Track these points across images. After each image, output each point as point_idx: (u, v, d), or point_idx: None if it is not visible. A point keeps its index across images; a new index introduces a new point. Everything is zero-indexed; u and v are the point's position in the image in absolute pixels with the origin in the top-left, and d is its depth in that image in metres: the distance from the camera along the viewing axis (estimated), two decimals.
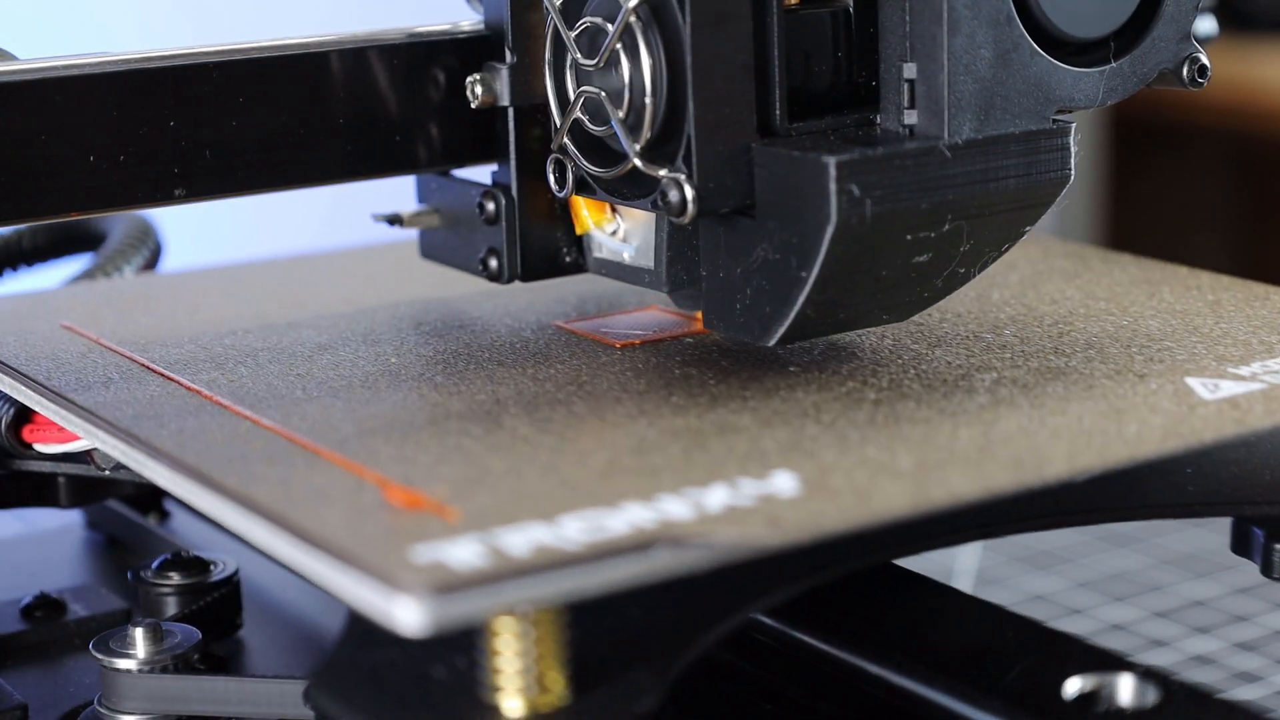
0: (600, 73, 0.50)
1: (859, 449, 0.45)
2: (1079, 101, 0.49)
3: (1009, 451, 0.45)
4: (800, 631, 0.49)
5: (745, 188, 0.48)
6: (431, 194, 0.57)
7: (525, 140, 0.54)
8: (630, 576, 0.39)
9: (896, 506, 0.42)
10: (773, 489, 0.43)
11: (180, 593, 0.57)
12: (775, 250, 0.48)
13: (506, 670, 0.41)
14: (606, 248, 0.54)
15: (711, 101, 0.48)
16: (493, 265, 0.55)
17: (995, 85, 0.48)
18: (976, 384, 0.50)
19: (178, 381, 0.52)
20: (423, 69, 0.54)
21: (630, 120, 0.49)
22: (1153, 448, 0.46)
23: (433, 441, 0.47)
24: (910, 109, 0.48)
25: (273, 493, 0.43)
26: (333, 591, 0.40)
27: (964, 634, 0.49)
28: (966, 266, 0.50)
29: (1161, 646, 0.66)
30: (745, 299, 0.49)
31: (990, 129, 0.48)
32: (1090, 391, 0.49)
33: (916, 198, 0.47)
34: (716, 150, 0.48)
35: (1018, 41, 0.48)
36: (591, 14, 0.50)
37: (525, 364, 0.53)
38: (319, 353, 0.55)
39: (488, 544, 0.40)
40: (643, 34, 0.48)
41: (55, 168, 0.51)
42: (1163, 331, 0.55)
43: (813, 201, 0.47)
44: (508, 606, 0.39)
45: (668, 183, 0.48)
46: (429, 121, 0.54)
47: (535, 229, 0.55)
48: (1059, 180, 0.50)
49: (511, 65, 0.53)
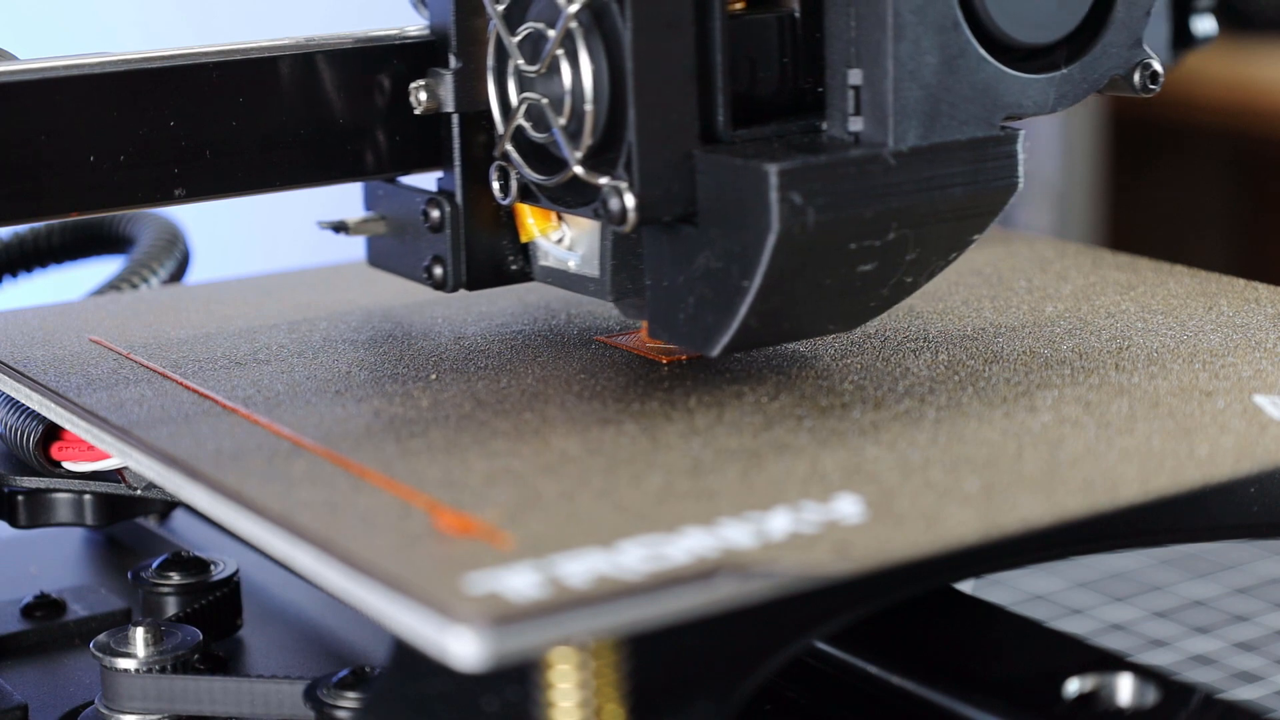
0: (542, 79, 0.49)
1: (922, 471, 0.44)
2: (1028, 108, 0.49)
3: (1078, 474, 0.44)
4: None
5: (687, 196, 0.48)
6: (378, 201, 0.57)
7: (470, 147, 0.53)
8: (693, 606, 0.38)
9: (966, 533, 0.41)
10: (837, 514, 0.42)
11: (180, 593, 0.57)
12: (718, 259, 0.47)
13: (562, 703, 0.39)
14: (552, 256, 0.54)
15: (653, 108, 0.47)
16: (437, 273, 0.54)
17: (941, 92, 0.47)
18: (1038, 402, 0.49)
19: (212, 398, 0.51)
20: (370, 74, 0.53)
21: (571, 127, 0.49)
22: (1226, 469, 0.44)
23: (480, 462, 0.45)
24: (855, 116, 0.48)
25: (318, 518, 0.42)
26: (383, 622, 0.38)
27: (964, 634, 0.48)
28: (913, 275, 0.49)
29: (1161, 646, 0.65)
30: (689, 308, 0.49)
31: (936, 136, 0.47)
32: (1156, 409, 0.48)
33: (860, 206, 0.47)
34: (658, 158, 0.47)
35: (965, 47, 0.47)
36: (533, 19, 0.49)
37: (570, 380, 0.52)
38: (356, 367, 0.54)
39: (545, 573, 0.38)
40: (584, 39, 0.48)
41: (55, 168, 0.50)
42: (1225, 346, 0.53)
43: (754, 210, 0.46)
44: (567, 638, 0.38)
45: (609, 191, 0.48)
46: (376, 127, 0.54)
47: (481, 237, 0.54)
48: (1007, 188, 0.49)
49: (456, 71, 0.53)
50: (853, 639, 0.48)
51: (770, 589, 0.39)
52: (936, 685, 0.45)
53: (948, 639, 0.48)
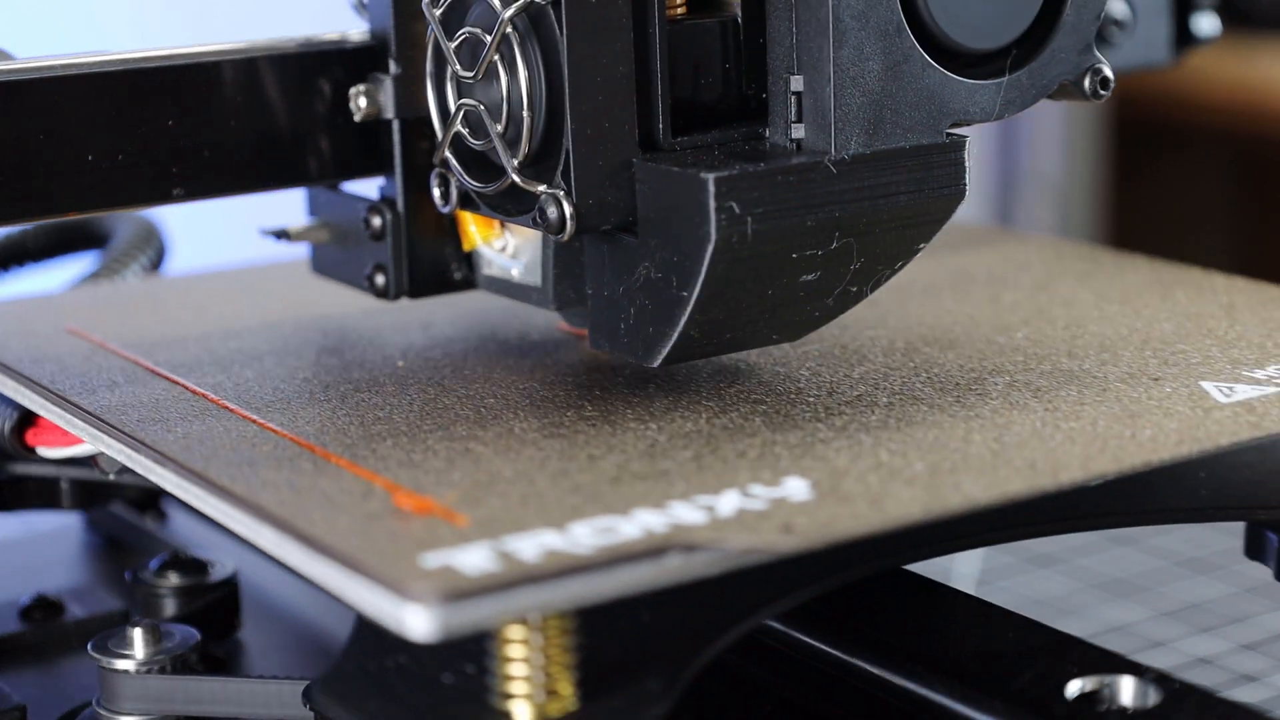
0: (480, 85, 0.49)
1: (872, 453, 0.45)
2: (974, 115, 0.48)
3: (1023, 456, 0.45)
4: (803, 634, 0.49)
5: (627, 204, 0.47)
6: (320, 208, 0.56)
7: (411, 153, 0.53)
8: (642, 582, 0.39)
9: (910, 512, 0.42)
10: (785, 494, 0.43)
11: (179, 593, 0.57)
12: (657, 269, 0.47)
13: (516, 676, 0.40)
14: (495, 264, 0.53)
15: (590, 115, 0.46)
16: (379, 281, 0.54)
17: (885, 98, 0.47)
18: (989, 387, 0.50)
19: (183, 385, 0.52)
20: (311, 79, 0.53)
21: (509, 134, 0.48)
22: (1168, 452, 0.45)
23: (441, 446, 0.47)
24: (797, 123, 0.47)
25: (281, 498, 0.43)
26: (342, 597, 0.40)
27: (965, 635, 0.48)
28: (859, 285, 0.48)
29: (1163, 647, 0.65)
30: (630, 318, 0.48)
31: (880, 143, 0.47)
32: (1104, 395, 0.49)
33: (801, 215, 0.46)
34: (595, 166, 0.47)
35: (908, 53, 0.47)
36: (471, 24, 0.49)
37: (534, 368, 0.53)
38: (325, 355, 0.55)
39: (498, 550, 0.40)
40: (520, 46, 0.47)
41: (54, 167, 0.50)
42: (1177, 334, 0.54)
43: (692, 219, 0.45)
44: (518, 612, 0.39)
45: (546, 199, 0.47)
46: (318, 133, 0.53)
47: (423, 245, 0.54)
48: (953, 195, 0.48)
49: (395, 76, 0.52)
50: (853, 637, 0.48)
51: (718, 565, 0.40)
52: (937, 685, 0.45)
53: (948, 639, 0.48)
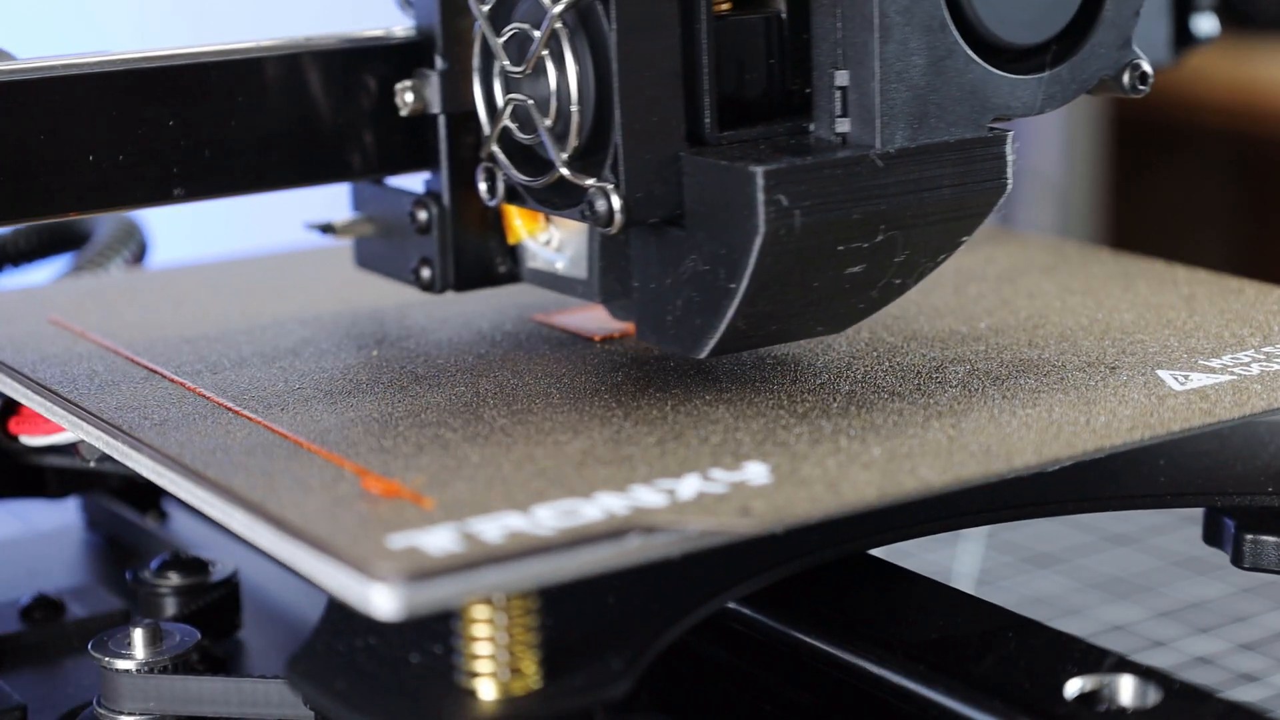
0: (528, 80, 0.49)
1: (831, 439, 0.46)
2: (1016, 109, 0.48)
3: (978, 441, 0.46)
4: (803, 634, 0.49)
5: (674, 198, 0.47)
6: (365, 202, 0.57)
7: (457, 148, 0.53)
8: (602, 563, 0.40)
9: (865, 495, 0.43)
10: (745, 478, 0.44)
11: (179, 593, 0.57)
12: (705, 261, 0.47)
13: (480, 655, 0.41)
14: (540, 257, 0.54)
15: (639, 109, 0.47)
16: (425, 275, 0.54)
17: (929, 93, 0.47)
18: (949, 376, 0.51)
19: (162, 374, 0.53)
20: (355, 75, 0.53)
21: (557, 128, 0.48)
22: (1121, 438, 0.46)
23: (412, 433, 0.47)
24: (843, 117, 0.47)
25: (253, 482, 0.44)
26: (311, 578, 0.40)
27: (965, 634, 0.48)
28: (902, 277, 0.49)
29: (1162, 647, 0.65)
30: (676, 310, 0.48)
31: (924, 137, 0.47)
32: (1061, 383, 0.50)
33: (847, 208, 0.47)
34: (644, 159, 0.47)
35: (952, 48, 0.47)
36: (519, 20, 0.49)
37: (506, 358, 0.54)
38: (302, 346, 0.56)
39: (462, 531, 0.40)
40: (569, 40, 0.48)
41: (54, 168, 0.51)
42: (1136, 324, 0.55)
43: (741, 212, 0.46)
44: (481, 592, 0.40)
45: (595, 192, 0.47)
46: (363, 128, 0.54)
47: (468, 238, 0.54)
48: (995, 189, 0.49)
49: (442, 72, 0.53)
50: (852, 637, 0.48)
51: (677, 546, 0.41)
52: (936, 684, 0.45)
53: (948, 638, 0.48)
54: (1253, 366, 0.51)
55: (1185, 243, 1.82)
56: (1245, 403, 0.48)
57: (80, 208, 0.52)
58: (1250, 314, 0.56)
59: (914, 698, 0.46)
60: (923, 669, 0.46)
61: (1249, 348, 0.53)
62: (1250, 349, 0.53)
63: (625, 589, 0.44)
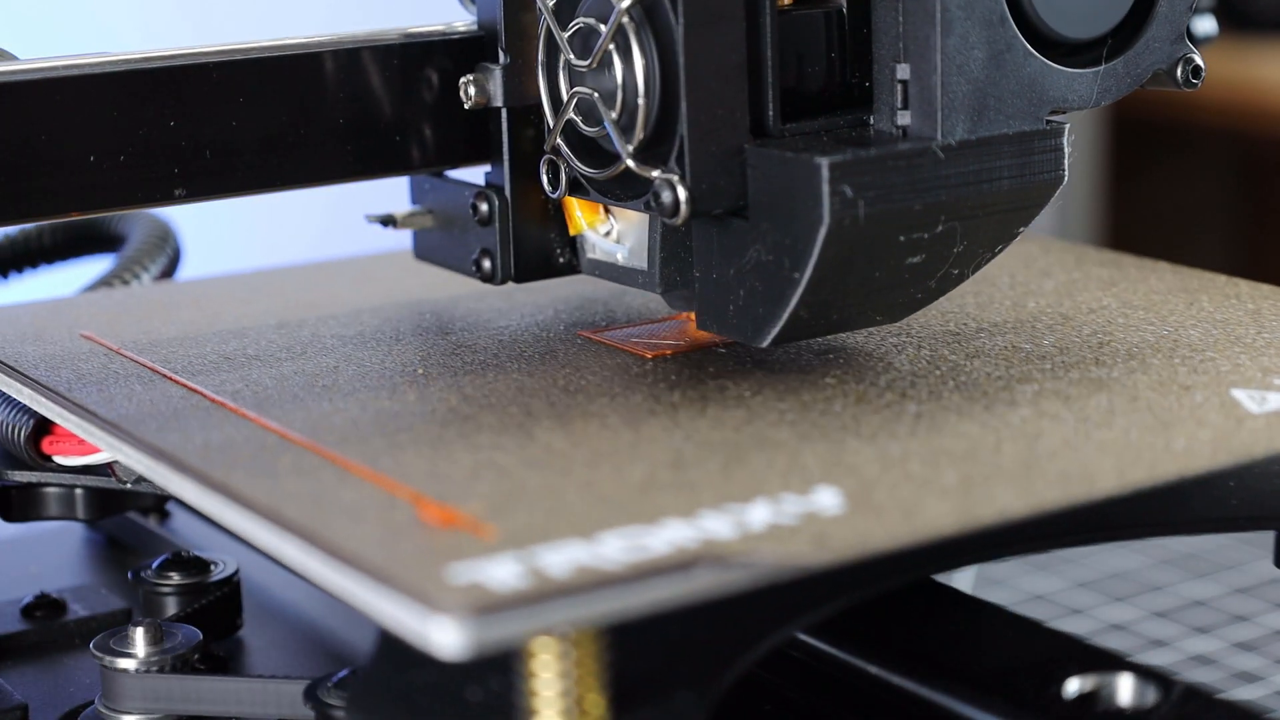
0: (593, 73, 0.50)
1: (901, 464, 0.44)
2: (1073, 102, 0.49)
3: (1056, 467, 0.44)
4: (804, 635, 0.49)
5: (738, 189, 0.48)
6: (425, 195, 0.57)
7: (518, 141, 0.54)
8: (672, 597, 0.38)
9: (943, 525, 0.41)
10: (816, 506, 0.42)
11: (180, 593, 0.57)
12: (768, 251, 0.48)
13: (545, 693, 0.40)
14: (600, 249, 0.54)
15: (704, 102, 0.47)
16: (486, 266, 0.55)
17: (988, 86, 0.48)
18: (1018, 396, 0.49)
19: (201, 393, 0.51)
20: (417, 69, 0.54)
21: (623, 121, 0.49)
22: (1203, 462, 0.45)
23: (465, 455, 0.46)
24: (904, 110, 0.48)
25: (304, 510, 0.42)
26: (367, 612, 0.39)
27: (965, 635, 0.48)
28: (960, 268, 0.50)
29: (1161, 646, 0.65)
30: (739, 300, 0.49)
31: (983, 130, 0.48)
32: (1135, 404, 0.48)
33: (909, 199, 0.47)
34: (709, 151, 0.48)
35: (1011, 42, 0.48)
36: (584, 14, 0.50)
37: (555, 375, 0.52)
38: (344, 363, 0.54)
39: (526, 564, 0.39)
40: (635, 34, 0.48)
41: (55, 168, 0.50)
42: (1204, 342, 0.54)
43: (805, 203, 0.46)
44: (548, 628, 0.38)
45: (660, 184, 0.48)
46: (423, 122, 0.54)
47: (528, 230, 0.54)
48: (1053, 181, 0.49)
49: (505, 66, 0.53)
50: (852, 638, 0.48)
51: (749, 579, 0.39)
52: (936, 684, 0.46)
53: (947, 638, 0.48)
54: None
55: (1185, 243, 1.83)
56: None
57: (82, 208, 0.51)
58: None
59: (914, 697, 0.46)
60: (922, 668, 0.46)
61: None
62: None
63: (689, 618, 0.42)
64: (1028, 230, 0.51)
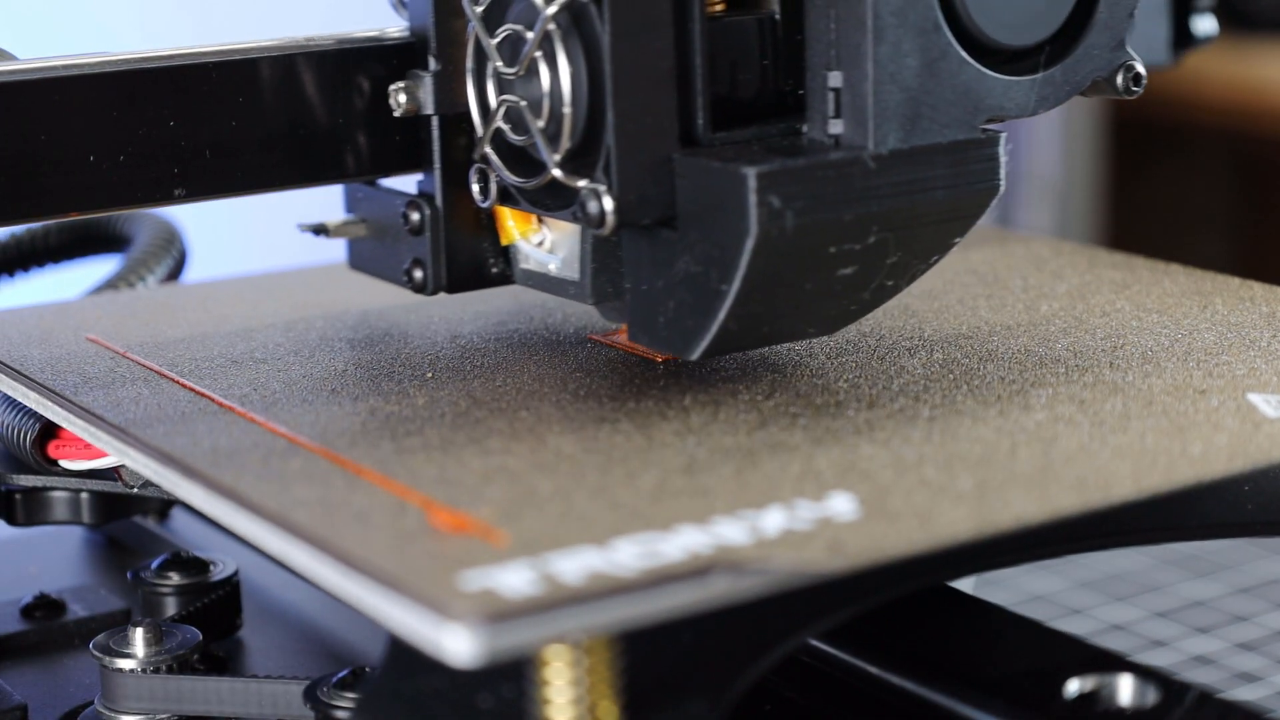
0: (521, 81, 0.49)
1: (916, 469, 0.44)
2: (1010, 111, 0.48)
3: (1072, 472, 0.44)
4: None
5: (667, 199, 0.47)
6: (358, 203, 0.57)
7: (450, 149, 0.53)
8: (687, 604, 0.38)
9: (960, 530, 0.41)
10: (831, 512, 0.42)
11: (180, 593, 0.57)
12: (697, 263, 0.47)
13: (557, 700, 0.40)
14: (533, 259, 0.54)
15: (632, 111, 0.47)
16: (417, 276, 0.54)
17: (922, 94, 0.47)
18: (1032, 400, 0.49)
19: (209, 397, 0.51)
20: (349, 76, 0.53)
21: (550, 130, 0.48)
22: (1220, 467, 0.45)
23: (475, 460, 0.46)
24: (836, 118, 0.47)
25: (313, 516, 0.42)
26: (378, 619, 0.39)
27: (965, 635, 0.48)
28: (894, 279, 0.49)
29: (1162, 646, 0.65)
30: (668, 312, 0.48)
31: (917, 139, 0.47)
32: (1150, 408, 0.48)
33: (840, 209, 0.46)
34: (637, 161, 0.47)
35: (946, 50, 0.47)
36: (513, 21, 0.49)
37: (566, 379, 0.52)
38: (352, 367, 0.54)
39: (539, 570, 0.39)
40: (562, 42, 0.48)
41: (55, 167, 0.50)
42: (1219, 345, 0.53)
43: (733, 213, 0.46)
44: (561, 635, 0.38)
45: (587, 194, 0.47)
46: (355, 129, 0.53)
47: (461, 240, 0.54)
48: (989, 190, 0.48)
49: (435, 73, 0.53)
50: (852, 638, 0.48)
51: (764, 586, 0.39)
52: (936, 685, 0.45)
53: (947, 638, 0.48)
54: None
55: (1185, 243, 1.82)
56: None
57: (81, 208, 0.51)
58: None
59: (914, 697, 0.46)
60: (923, 669, 0.46)
61: None
62: None
63: (702, 625, 0.42)
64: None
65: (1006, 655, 0.47)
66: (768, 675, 0.48)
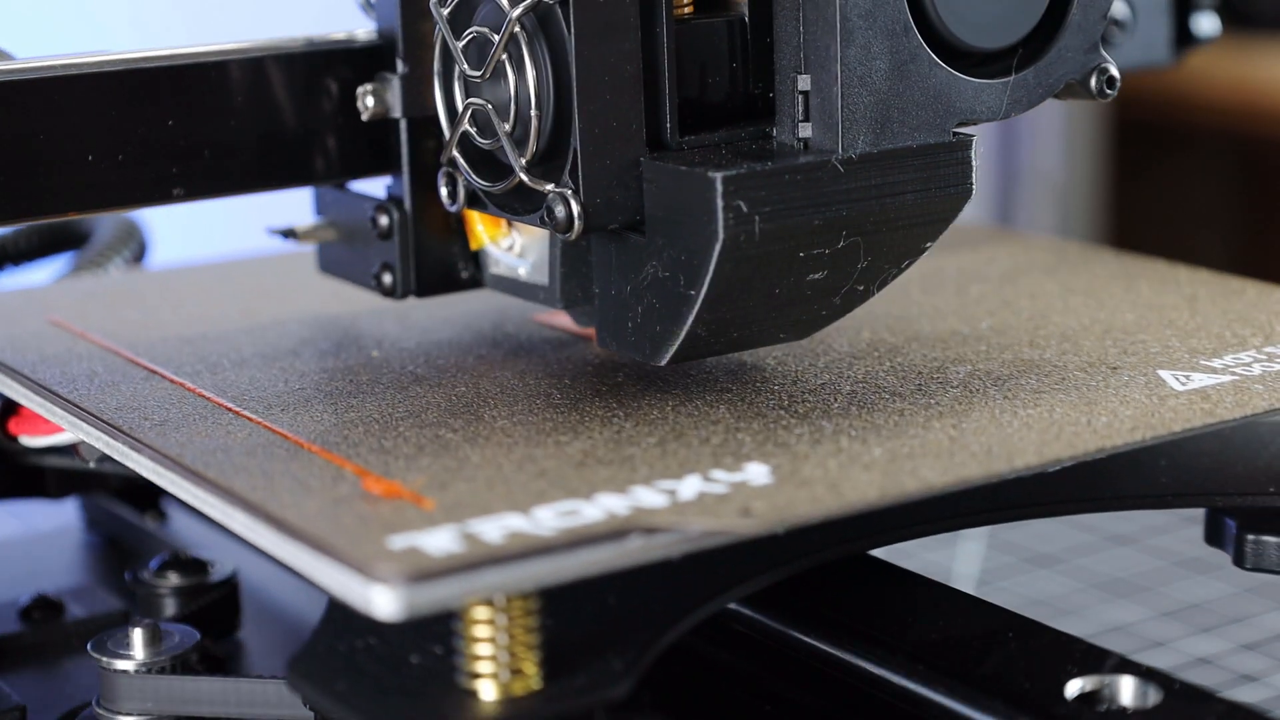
0: (488, 84, 0.49)
1: (832, 439, 0.46)
2: (981, 114, 0.48)
3: (980, 442, 0.46)
4: (792, 629, 0.49)
5: (634, 203, 0.47)
6: (327, 207, 0.56)
7: (419, 153, 0.53)
8: (603, 563, 0.40)
9: (867, 496, 0.43)
10: (746, 479, 0.44)
11: (178, 593, 0.57)
12: (665, 268, 0.47)
13: (481, 656, 0.41)
14: (502, 263, 0.53)
15: (598, 114, 0.46)
16: (386, 280, 0.54)
17: (892, 97, 0.47)
18: (951, 376, 0.51)
19: (163, 375, 0.53)
20: (317, 79, 0.53)
21: (517, 133, 0.48)
22: (1122, 438, 0.46)
23: (412, 433, 0.48)
24: (805, 122, 0.47)
25: (253, 483, 0.44)
26: (311, 578, 0.41)
27: (965, 634, 0.48)
28: (865, 284, 0.48)
29: (1162, 647, 0.65)
30: (637, 317, 0.48)
31: (887, 142, 0.47)
32: (1063, 383, 0.50)
33: (809, 214, 0.46)
34: (603, 165, 0.47)
35: (915, 52, 0.47)
36: (479, 24, 0.49)
37: (508, 359, 0.54)
38: (302, 346, 0.56)
39: (462, 532, 0.41)
40: (528, 45, 0.47)
41: (53, 167, 0.50)
42: (1138, 325, 0.55)
43: (700, 218, 0.45)
44: (482, 593, 0.40)
45: (554, 198, 0.47)
46: (324, 132, 0.53)
47: (430, 244, 0.54)
48: (960, 194, 0.48)
49: (403, 76, 0.52)
50: (852, 638, 0.48)
51: (678, 547, 0.41)
52: (937, 685, 0.45)
53: (948, 639, 0.48)
54: (1254, 367, 0.51)
55: (1185, 243, 1.82)
56: (1247, 403, 0.48)
57: (80, 208, 0.52)
58: (1252, 314, 0.56)
59: (914, 698, 0.46)
60: (923, 669, 0.46)
61: (1250, 348, 0.53)
62: (1252, 349, 0.53)
63: (626, 589, 0.44)
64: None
65: (1007, 656, 0.47)
66: (769, 674, 0.49)
